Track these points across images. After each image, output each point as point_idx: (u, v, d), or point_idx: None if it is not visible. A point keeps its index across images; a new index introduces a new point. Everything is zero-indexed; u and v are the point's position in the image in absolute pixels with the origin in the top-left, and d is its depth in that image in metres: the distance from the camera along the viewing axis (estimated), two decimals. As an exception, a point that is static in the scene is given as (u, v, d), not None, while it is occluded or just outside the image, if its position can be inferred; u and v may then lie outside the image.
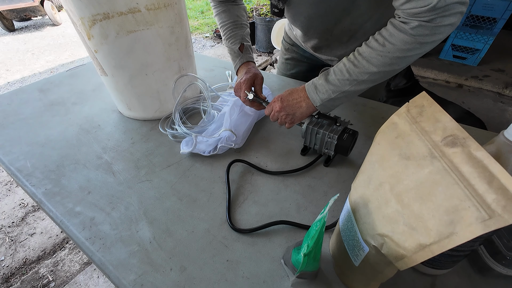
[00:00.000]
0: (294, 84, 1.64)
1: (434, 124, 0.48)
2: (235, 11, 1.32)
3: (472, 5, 3.56)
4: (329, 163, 1.11)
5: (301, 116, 1.07)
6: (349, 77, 0.93)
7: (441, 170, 0.44)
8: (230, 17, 1.30)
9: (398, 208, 0.49)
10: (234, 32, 1.29)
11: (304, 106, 1.04)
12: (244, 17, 1.34)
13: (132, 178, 1.08)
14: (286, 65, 1.75)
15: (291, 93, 1.07)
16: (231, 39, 1.29)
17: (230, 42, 1.29)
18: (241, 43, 1.28)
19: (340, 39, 1.25)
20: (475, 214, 0.39)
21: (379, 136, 0.60)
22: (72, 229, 0.92)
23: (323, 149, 1.10)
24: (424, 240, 0.44)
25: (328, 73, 0.99)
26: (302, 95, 1.05)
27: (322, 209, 0.60)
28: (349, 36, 1.22)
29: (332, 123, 1.08)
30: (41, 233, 2.56)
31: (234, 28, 1.29)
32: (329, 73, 0.98)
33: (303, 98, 1.04)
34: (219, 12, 1.31)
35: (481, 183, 0.39)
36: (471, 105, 3.38)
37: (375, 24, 1.13)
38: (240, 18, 1.32)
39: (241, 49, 1.28)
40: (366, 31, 1.16)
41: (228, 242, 0.86)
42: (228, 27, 1.29)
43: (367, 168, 0.62)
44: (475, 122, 2.42)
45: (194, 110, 1.45)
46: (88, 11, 1.02)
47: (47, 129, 1.34)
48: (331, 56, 1.40)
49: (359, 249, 0.60)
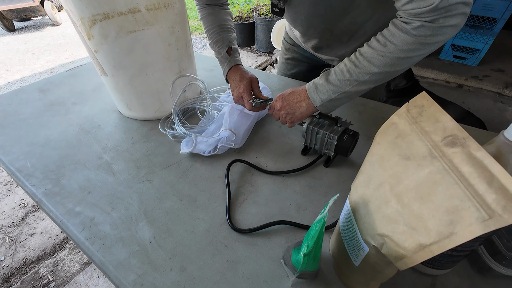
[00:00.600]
0: (295, 84, 1.64)
1: (434, 124, 0.48)
2: (222, 15, 1.32)
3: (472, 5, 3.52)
4: (329, 163, 1.11)
5: (301, 116, 1.07)
6: (350, 77, 0.93)
7: (441, 170, 0.44)
8: (216, 21, 1.30)
9: (398, 208, 0.49)
10: (221, 36, 1.28)
11: (304, 106, 1.04)
12: (230, 21, 1.34)
13: (132, 178, 1.08)
14: (286, 65, 1.74)
15: (292, 92, 1.07)
16: (218, 42, 1.28)
17: (218, 46, 1.28)
18: (229, 46, 1.27)
19: (340, 39, 1.25)
20: (475, 214, 0.39)
21: (379, 136, 0.60)
22: (72, 229, 0.92)
23: (323, 150, 1.10)
24: (424, 240, 0.44)
25: (328, 73, 0.98)
26: (302, 95, 1.04)
27: (322, 209, 0.60)
28: (349, 36, 1.22)
29: (333, 124, 1.08)
30: (41, 233, 2.56)
31: (221, 31, 1.29)
32: (330, 73, 0.98)
33: (304, 97, 1.04)
34: (204, 15, 1.31)
35: (481, 183, 0.39)
36: (471, 105, 3.38)
37: (375, 24, 1.13)
38: (226, 22, 1.32)
39: (229, 53, 1.28)
40: (366, 31, 1.16)
41: (228, 242, 0.86)
42: (215, 31, 1.29)
43: (367, 168, 0.62)
44: (475, 122, 2.41)
45: (195, 110, 1.44)
46: (88, 11, 1.02)
47: (47, 129, 1.34)
48: (331, 56, 1.40)
49: (359, 249, 0.60)
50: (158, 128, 1.32)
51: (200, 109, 1.40)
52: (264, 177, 1.07)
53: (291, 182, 1.05)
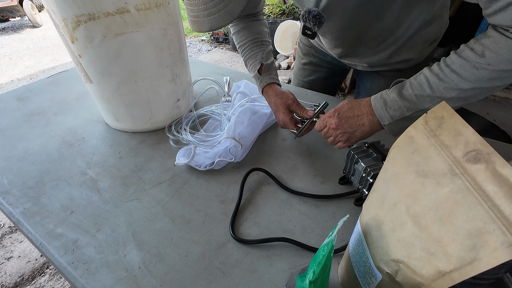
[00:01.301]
0: (309, 94, 1.65)
1: (455, 137, 0.48)
2: (255, 27, 1.31)
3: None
4: (360, 203, 1.03)
5: (362, 136, 1.01)
6: (431, 93, 0.85)
7: (462, 189, 0.44)
8: (249, 35, 1.30)
9: (415, 231, 0.49)
10: (253, 52, 1.28)
11: (367, 124, 0.97)
12: (264, 33, 1.33)
13: (119, 197, 1.08)
14: (303, 71, 1.73)
15: (351, 107, 1.00)
16: (249, 60, 1.29)
17: (249, 64, 1.29)
18: (261, 63, 1.26)
19: (369, 45, 1.24)
20: (500, 238, 0.38)
21: (394, 151, 0.60)
22: (53, 253, 0.91)
23: (357, 185, 1.01)
24: (443, 267, 0.44)
25: (402, 87, 0.90)
26: (365, 111, 0.97)
27: (330, 232, 0.60)
28: (378, 42, 1.21)
29: (379, 159, 0.98)
30: (18, 257, 2.55)
31: (253, 47, 1.29)
32: (404, 86, 0.90)
33: (367, 114, 0.97)
34: (236, 30, 1.32)
35: (507, 203, 0.39)
36: (497, 116, 3.38)
37: (407, 30, 1.12)
38: (260, 34, 1.31)
39: (260, 72, 1.27)
40: (397, 37, 1.15)
41: (225, 268, 0.86)
42: (247, 47, 1.29)
43: (380, 186, 0.61)
44: (500, 136, 2.41)
45: (205, 117, 1.46)
46: (71, 11, 1.03)
47: (25, 142, 1.35)
48: (356, 62, 1.39)
49: (371, 277, 0.60)
50: (148, 141, 1.32)
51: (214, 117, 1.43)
52: (265, 196, 1.07)
53: (296, 202, 1.05)
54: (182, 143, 1.27)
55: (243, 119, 1.25)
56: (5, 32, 8.20)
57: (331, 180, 1.12)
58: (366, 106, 0.97)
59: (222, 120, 1.35)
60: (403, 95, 0.89)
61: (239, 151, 1.16)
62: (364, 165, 0.95)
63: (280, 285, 0.81)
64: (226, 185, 1.11)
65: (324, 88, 1.70)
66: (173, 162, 1.17)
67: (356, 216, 0.72)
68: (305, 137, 1.31)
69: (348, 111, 0.99)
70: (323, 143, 1.28)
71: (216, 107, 1.48)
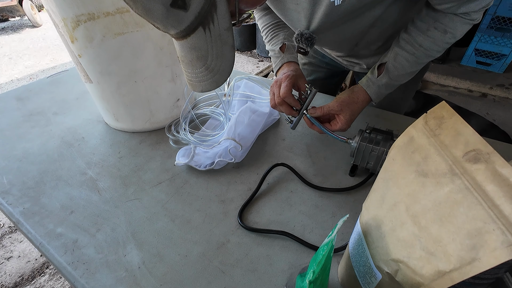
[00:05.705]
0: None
1: (454, 137, 0.48)
2: None
3: (498, 5, 3.58)
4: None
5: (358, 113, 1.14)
6: (410, 69, 1.05)
7: (462, 189, 0.44)
8: (273, 18, 1.30)
9: (415, 230, 0.49)
10: (276, 33, 1.29)
11: (361, 107, 1.13)
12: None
13: (119, 197, 1.08)
14: (302, 71, 1.67)
15: (354, 102, 1.12)
16: (272, 40, 1.29)
17: (271, 44, 1.29)
18: (283, 43, 1.26)
19: (369, 47, 1.26)
20: (500, 238, 0.38)
21: (394, 151, 0.60)
22: (53, 253, 0.91)
23: (378, 167, 1.07)
24: (443, 267, 0.44)
25: (388, 70, 1.07)
26: (362, 98, 1.12)
27: (330, 232, 0.60)
28: (377, 46, 1.24)
29: (388, 138, 1.05)
30: (18, 257, 2.55)
31: (276, 29, 1.30)
32: (390, 69, 1.07)
33: (362, 101, 1.12)
34: (262, 16, 1.33)
35: (507, 203, 0.39)
36: (496, 116, 3.38)
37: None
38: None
39: (282, 50, 1.26)
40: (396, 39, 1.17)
41: (225, 268, 0.86)
42: (270, 29, 1.30)
43: (380, 186, 0.62)
44: (500, 136, 2.42)
45: (206, 116, 1.47)
46: (71, 11, 1.02)
47: (25, 142, 1.35)
48: (355, 63, 1.42)
49: (371, 276, 0.60)
50: (148, 141, 1.32)
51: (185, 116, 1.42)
52: (263, 197, 1.07)
53: (296, 201, 1.05)
54: (182, 143, 1.27)
55: (244, 119, 1.25)
56: (5, 32, 8.20)
57: (331, 180, 1.12)
58: (361, 94, 1.12)
59: (223, 120, 1.35)
60: (392, 77, 1.07)
61: (239, 152, 1.16)
62: (384, 149, 1.02)
63: (280, 285, 0.81)
64: (226, 185, 1.11)
65: (324, 88, 1.70)
66: (173, 162, 1.18)
67: (356, 216, 0.72)
68: (305, 137, 1.31)
69: (353, 106, 1.11)
70: (323, 143, 1.28)
71: (216, 107, 1.48)
